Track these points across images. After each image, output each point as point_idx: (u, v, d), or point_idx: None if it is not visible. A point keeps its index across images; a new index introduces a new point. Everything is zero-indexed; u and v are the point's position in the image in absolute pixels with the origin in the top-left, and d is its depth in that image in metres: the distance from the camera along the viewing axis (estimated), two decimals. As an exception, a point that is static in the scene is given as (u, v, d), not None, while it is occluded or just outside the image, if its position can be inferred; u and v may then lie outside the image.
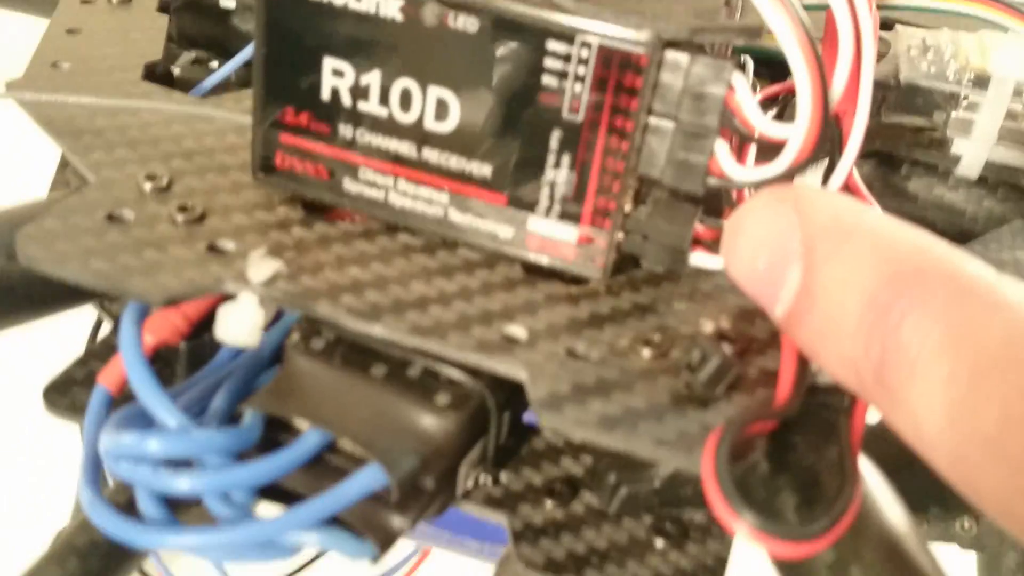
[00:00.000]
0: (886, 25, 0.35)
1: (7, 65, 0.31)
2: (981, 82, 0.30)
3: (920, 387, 0.17)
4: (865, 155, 0.33)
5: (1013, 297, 0.17)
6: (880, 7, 0.32)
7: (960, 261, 0.18)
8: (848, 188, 0.24)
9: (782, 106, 0.31)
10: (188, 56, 0.43)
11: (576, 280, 0.24)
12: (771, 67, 0.34)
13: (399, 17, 0.22)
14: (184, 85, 0.38)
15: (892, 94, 0.31)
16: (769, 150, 0.22)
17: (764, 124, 0.21)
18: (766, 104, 0.30)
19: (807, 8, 0.20)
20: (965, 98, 0.30)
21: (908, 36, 0.33)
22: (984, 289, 0.17)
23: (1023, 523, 0.16)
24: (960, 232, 0.33)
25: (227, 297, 0.22)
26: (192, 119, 0.28)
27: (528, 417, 0.26)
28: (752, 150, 0.23)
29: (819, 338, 0.19)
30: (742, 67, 0.25)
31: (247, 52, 0.33)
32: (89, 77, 0.30)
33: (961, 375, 0.17)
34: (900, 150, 0.32)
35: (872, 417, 0.22)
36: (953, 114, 0.31)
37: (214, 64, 0.43)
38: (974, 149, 0.31)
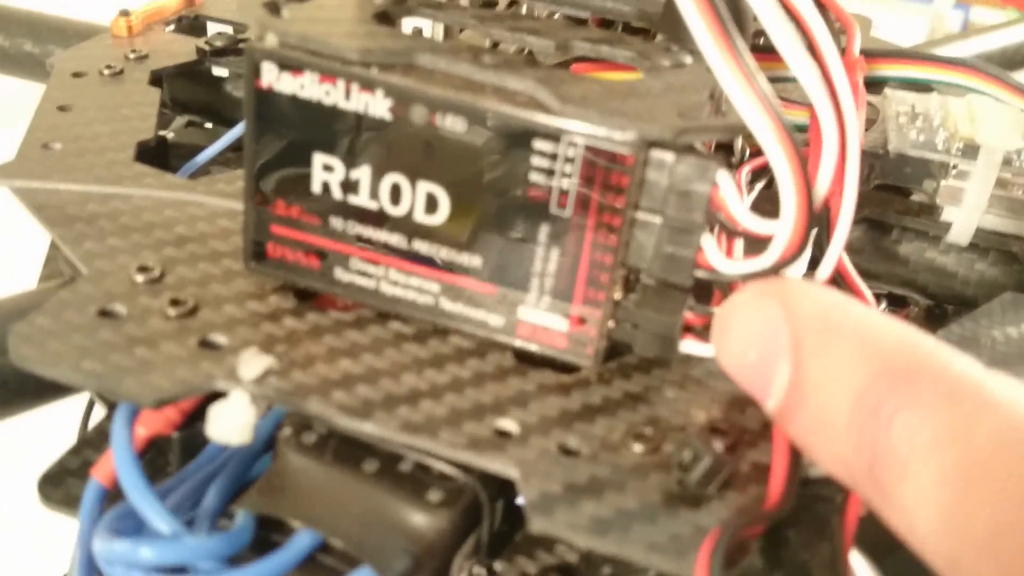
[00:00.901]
0: (874, 87, 0.35)
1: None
2: (970, 151, 0.30)
3: (911, 488, 0.17)
4: (855, 221, 0.33)
5: (1001, 396, 0.17)
6: (868, 75, 0.32)
7: (948, 358, 0.18)
8: (838, 272, 0.24)
9: (772, 176, 0.31)
10: (181, 120, 0.43)
11: (567, 368, 0.24)
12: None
13: (388, 116, 0.22)
14: (178, 150, 0.38)
15: (881, 163, 0.31)
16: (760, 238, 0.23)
17: (749, 221, 0.21)
18: (757, 173, 0.30)
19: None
20: (954, 167, 0.30)
21: (897, 101, 0.33)
22: (972, 388, 0.17)
23: None
24: (952, 295, 0.33)
25: (219, 396, 0.22)
26: (184, 204, 0.28)
27: (522, 500, 0.26)
28: (740, 242, 0.23)
29: (811, 434, 0.20)
30: (728, 164, 0.25)
31: (239, 129, 0.33)
32: (81, 158, 0.30)
33: (952, 478, 0.17)
34: (889, 218, 0.32)
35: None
36: (943, 183, 0.31)
37: (208, 126, 0.44)
38: (964, 217, 0.31)
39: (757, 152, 0.32)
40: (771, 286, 0.21)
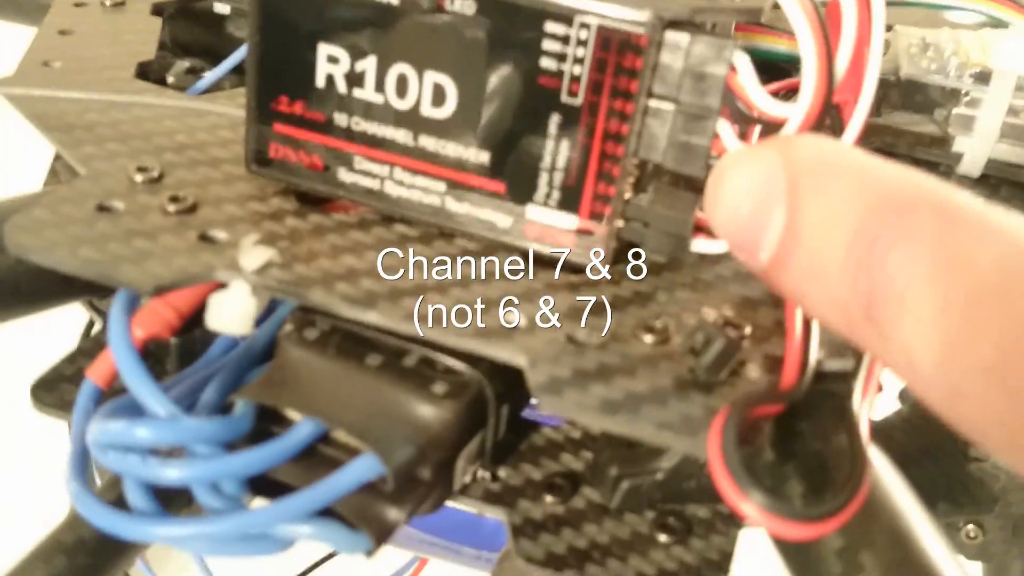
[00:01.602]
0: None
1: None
2: (982, 78, 0.30)
3: (911, 320, 0.16)
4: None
5: (1003, 223, 0.16)
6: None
7: (947, 191, 0.17)
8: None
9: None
10: (182, 65, 0.42)
11: (576, 269, 0.23)
12: (765, 70, 0.34)
13: (395, 1, 0.21)
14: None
15: (893, 91, 0.31)
16: (771, 134, 0.22)
17: (766, 103, 0.21)
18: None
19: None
20: (966, 94, 0.30)
21: (908, 35, 0.32)
22: (973, 216, 0.17)
23: None
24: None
25: (219, 287, 0.22)
26: (185, 114, 0.27)
27: (527, 413, 0.25)
28: (756, 133, 0.22)
29: (806, 280, 0.19)
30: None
31: (240, 54, 0.33)
32: (81, 75, 0.30)
33: (954, 305, 0.16)
34: (900, 148, 0.32)
35: (878, 412, 0.21)
36: (954, 111, 0.30)
37: (207, 74, 0.43)
38: (976, 146, 0.30)
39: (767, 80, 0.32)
40: (768, 140, 0.20)
